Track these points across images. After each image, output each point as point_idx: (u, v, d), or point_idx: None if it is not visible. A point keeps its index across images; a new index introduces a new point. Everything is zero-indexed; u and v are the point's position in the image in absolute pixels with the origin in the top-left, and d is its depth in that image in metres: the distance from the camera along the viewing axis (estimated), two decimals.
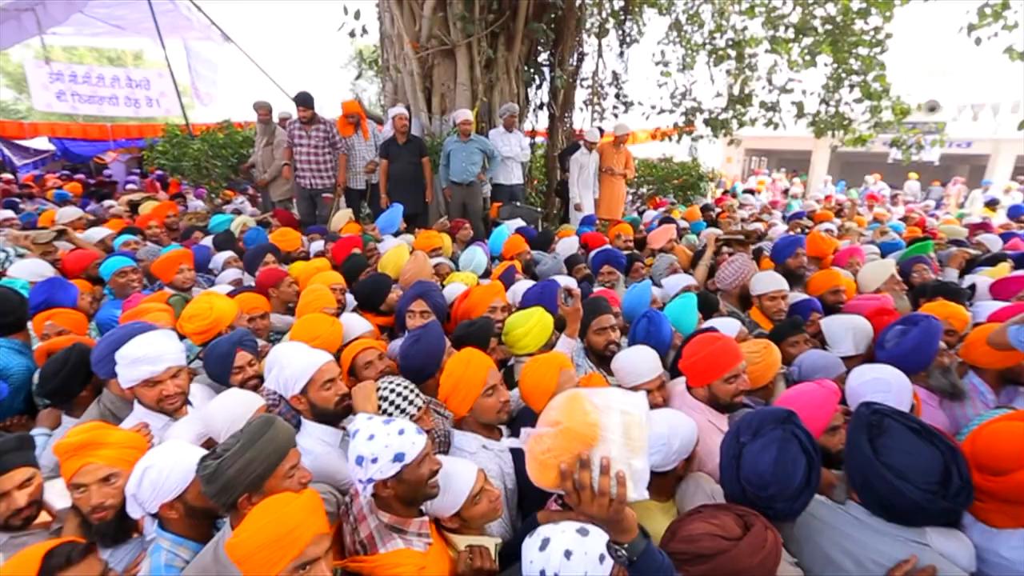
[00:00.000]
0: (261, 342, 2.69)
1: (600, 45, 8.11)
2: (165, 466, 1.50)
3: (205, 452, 1.53)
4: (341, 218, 5.30)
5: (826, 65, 7.30)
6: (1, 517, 1.53)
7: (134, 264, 3.43)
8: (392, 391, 1.98)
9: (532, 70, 7.64)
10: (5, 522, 1.54)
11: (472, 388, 1.91)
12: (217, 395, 1.97)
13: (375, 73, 8.70)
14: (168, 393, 1.94)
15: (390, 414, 1.95)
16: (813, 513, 1.50)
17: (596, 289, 3.41)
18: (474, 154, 5.71)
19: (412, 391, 2.02)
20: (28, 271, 3.26)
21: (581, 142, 6.69)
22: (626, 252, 4.23)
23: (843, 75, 7.11)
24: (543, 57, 7.76)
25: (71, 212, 5.59)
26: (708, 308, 3.08)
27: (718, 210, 7.80)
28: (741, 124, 8.25)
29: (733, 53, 8.02)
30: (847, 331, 2.67)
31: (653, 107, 8.55)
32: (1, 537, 1.54)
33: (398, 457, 1.42)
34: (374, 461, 1.40)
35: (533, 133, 8.09)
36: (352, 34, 7.26)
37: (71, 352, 2.24)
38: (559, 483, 1.05)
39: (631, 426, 1.04)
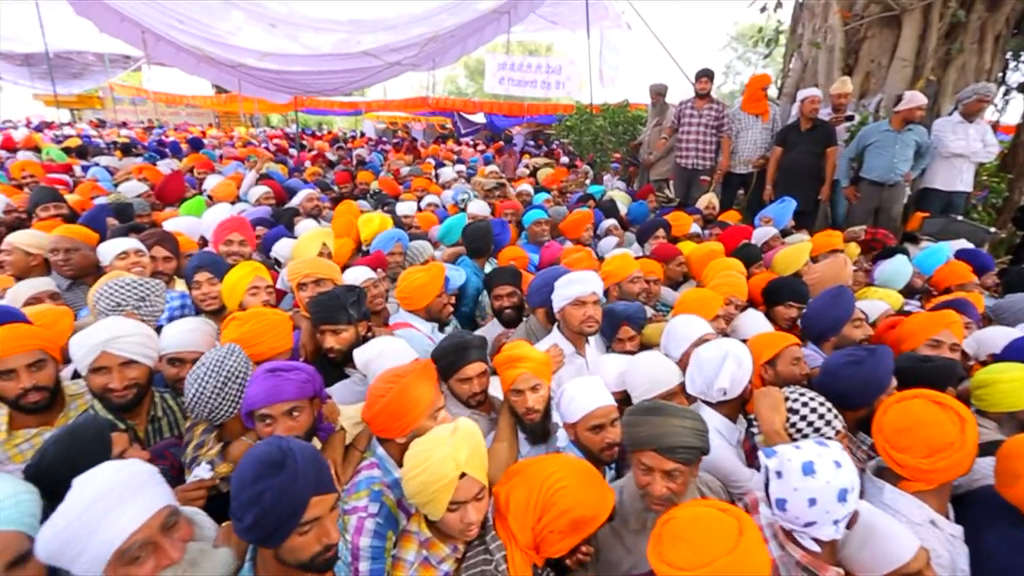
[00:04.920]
0: (649, 311, 2.77)
1: None
2: (572, 395, 1.73)
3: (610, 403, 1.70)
4: (701, 202, 5.06)
5: None
6: (463, 396, 1.97)
7: (546, 217, 4.05)
8: (806, 404, 1.71)
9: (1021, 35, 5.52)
10: (466, 401, 1.97)
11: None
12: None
13: (768, 53, 7.75)
14: (589, 314, 2.23)
15: (800, 430, 1.68)
16: None
17: None
18: (908, 148, 4.52)
19: (830, 409, 1.70)
20: (481, 208, 4.32)
21: None
22: None
23: None
24: None
25: (492, 168, 7.25)
26: None
27: None
28: None
29: None
30: None
31: None
32: (464, 411, 1.98)
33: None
34: (853, 490, 1.19)
35: (994, 127, 5.94)
36: (763, 9, 6.70)
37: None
38: None
39: None
